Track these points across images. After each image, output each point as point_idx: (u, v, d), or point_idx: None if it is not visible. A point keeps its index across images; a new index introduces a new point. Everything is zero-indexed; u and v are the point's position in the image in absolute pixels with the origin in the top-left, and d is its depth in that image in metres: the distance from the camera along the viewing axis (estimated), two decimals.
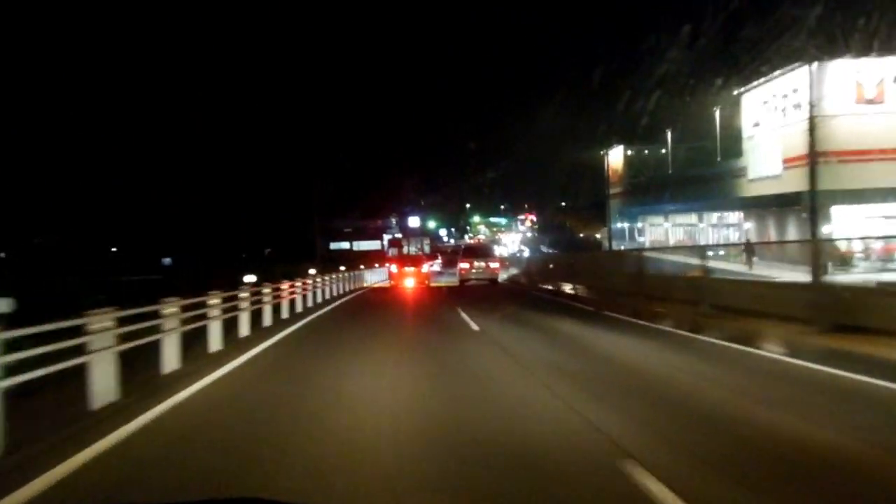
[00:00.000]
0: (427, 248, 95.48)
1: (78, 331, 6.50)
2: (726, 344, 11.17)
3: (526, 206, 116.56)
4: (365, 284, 37.81)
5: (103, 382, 6.79)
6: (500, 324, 15.70)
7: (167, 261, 76.15)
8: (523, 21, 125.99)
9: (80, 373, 6.72)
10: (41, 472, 4.72)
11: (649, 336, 12.80)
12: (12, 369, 5.45)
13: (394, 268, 40.05)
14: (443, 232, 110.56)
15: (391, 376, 8.98)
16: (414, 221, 77.95)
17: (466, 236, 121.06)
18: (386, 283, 39.91)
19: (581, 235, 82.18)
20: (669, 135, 40.85)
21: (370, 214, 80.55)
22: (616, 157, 46.26)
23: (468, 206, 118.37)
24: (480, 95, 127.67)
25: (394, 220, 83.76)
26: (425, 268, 39.83)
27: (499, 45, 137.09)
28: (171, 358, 9.05)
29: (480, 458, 5.09)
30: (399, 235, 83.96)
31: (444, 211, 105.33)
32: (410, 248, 77.31)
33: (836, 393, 7.55)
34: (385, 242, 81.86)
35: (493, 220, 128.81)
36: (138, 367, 8.25)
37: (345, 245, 78.79)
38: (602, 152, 49.57)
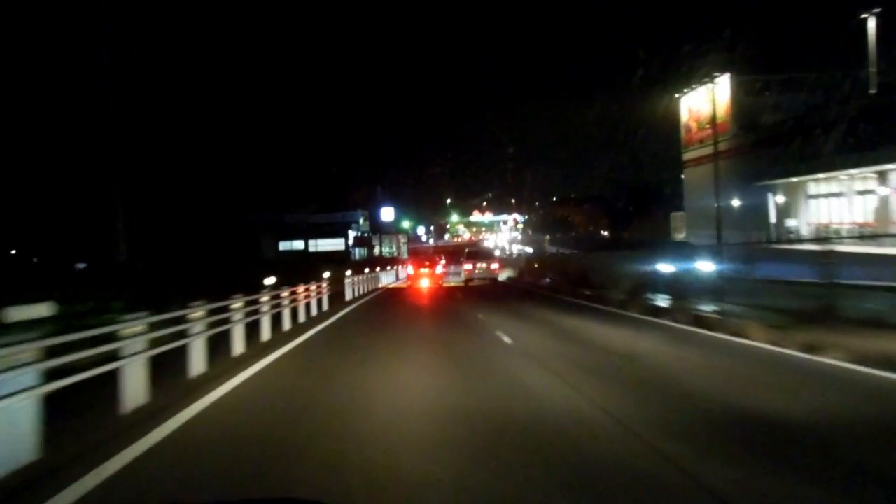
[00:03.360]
0: (404, 248, 79.32)
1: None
2: None
3: (513, 200, 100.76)
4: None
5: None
6: None
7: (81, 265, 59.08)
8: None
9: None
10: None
11: None
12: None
13: (410, 269, 41.43)
14: (420, 231, 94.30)
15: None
16: (388, 214, 61.19)
17: (446, 236, 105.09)
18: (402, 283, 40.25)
19: (604, 233, 66.40)
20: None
21: (331, 207, 63.67)
22: (698, 102, 30.41)
23: (448, 201, 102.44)
24: (470, 78, 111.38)
25: (360, 216, 66.82)
26: (439, 269, 39.42)
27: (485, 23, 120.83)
28: None
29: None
30: (364, 233, 68.54)
31: (421, 207, 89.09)
32: (383, 249, 60.03)
33: None
34: (350, 241, 65.16)
35: (473, 219, 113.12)
36: None
37: (298, 244, 61.84)
38: (678, 95, 33.81)
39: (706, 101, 30.47)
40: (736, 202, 27.31)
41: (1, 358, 4.61)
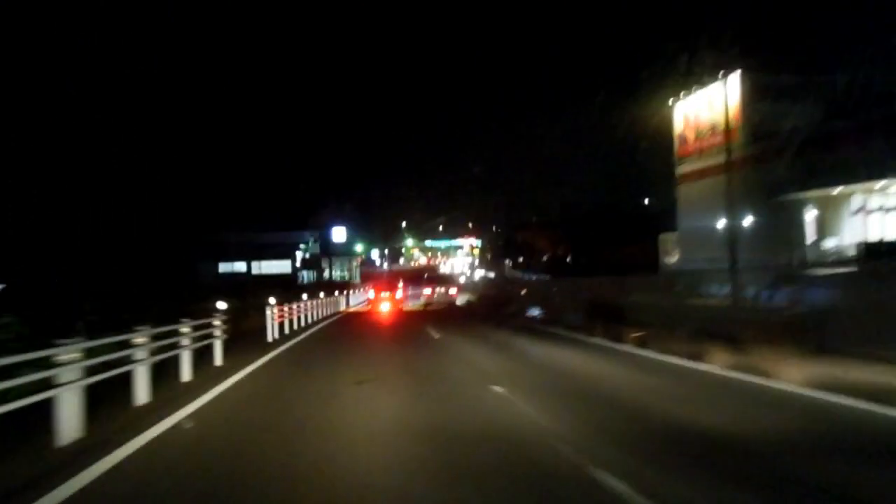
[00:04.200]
0: (356, 271, 74.31)
1: None
2: None
3: (470, 224, 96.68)
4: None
5: None
6: None
7: None
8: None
9: None
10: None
11: None
12: None
13: (371, 293, 40.00)
14: (374, 254, 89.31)
15: None
16: (339, 235, 56.22)
17: (401, 260, 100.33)
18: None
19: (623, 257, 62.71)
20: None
21: (277, 226, 58.28)
22: (697, 108, 26.40)
23: (404, 224, 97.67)
24: (431, 96, 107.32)
25: (309, 237, 61.54)
26: (399, 294, 38.04)
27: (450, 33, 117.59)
28: None
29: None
30: (310, 255, 63.16)
31: (375, 230, 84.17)
32: (334, 272, 55.33)
33: None
34: (298, 263, 59.83)
35: (429, 243, 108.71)
36: None
37: (240, 266, 56.19)
38: (672, 100, 29.95)
39: (706, 106, 26.77)
40: (749, 219, 23.46)
41: None
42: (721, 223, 25.17)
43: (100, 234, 43.99)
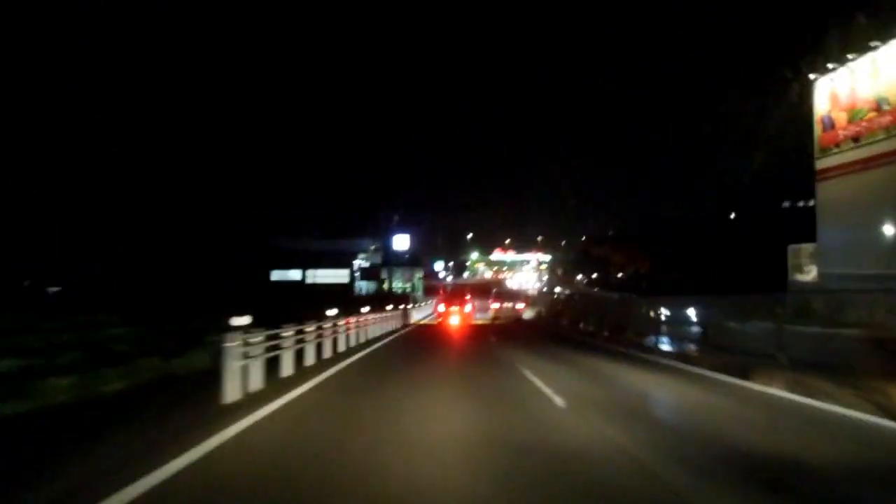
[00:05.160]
0: (419, 285, 69.88)
1: None
2: None
3: (539, 238, 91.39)
4: None
5: None
6: None
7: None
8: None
9: None
10: None
11: None
12: None
13: (441, 307, 39.64)
14: (438, 266, 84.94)
15: None
16: (402, 243, 51.97)
17: (465, 273, 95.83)
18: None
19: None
20: None
21: (334, 233, 54.42)
22: (853, 81, 20.32)
23: (470, 236, 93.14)
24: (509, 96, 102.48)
25: (370, 245, 57.47)
26: (468, 307, 37.56)
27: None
28: None
29: None
30: (369, 264, 58.51)
31: (438, 241, 79.81)
32: (394, 284, 51.35)
33: None
34: (356, 272, 55.79)
35: (495, 257, 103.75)
36: None
37: (295, 274, 52.52)
38: (815, 76, 24.21)
39: (868, 77, 21.14)
40: None
41: None
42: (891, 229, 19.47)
43: (146, 235, 40.91)
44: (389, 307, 32.76)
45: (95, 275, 41.34)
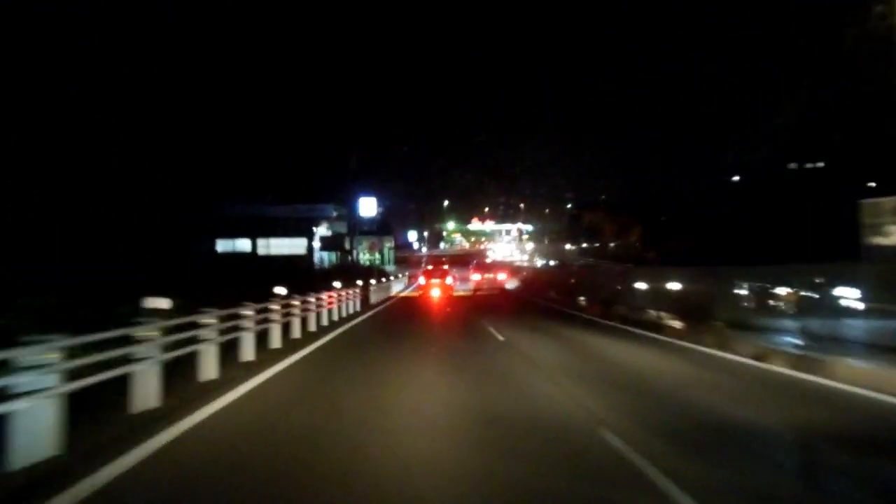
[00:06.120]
0: (390, 254, 63.43)
1: None
2: None
3: (521, 206, 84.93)
4: None
5: None
6: None
7: None
8: None
9: None
10: None
11: None
12: None
13: (422, 280, 39.05)
14: (412, 236, 78.12)
15: None
16: (368, 207, 45.01)
17: (441, 244, 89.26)
18: None
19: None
20: None
21: (292, 197, 47.19)
22: None
23: (446, 203, 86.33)
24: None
25: (332, 210, 50.38)
26: (449, 280, 37.33)
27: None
28: None
29: None
30: (332, 232, 51.60)
31: (410, 208, 72.94)
32: (358, 254, 44.03)
33: None
34: (316, 242, 48.75)
35: (473, 227, 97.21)
36: None
37: (243, 245, 45.41)
38: None
39: None
40: None
41: None
42: None
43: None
44: (345, 285, 26.25)
45: None
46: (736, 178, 56.84)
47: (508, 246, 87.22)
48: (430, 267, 44.48)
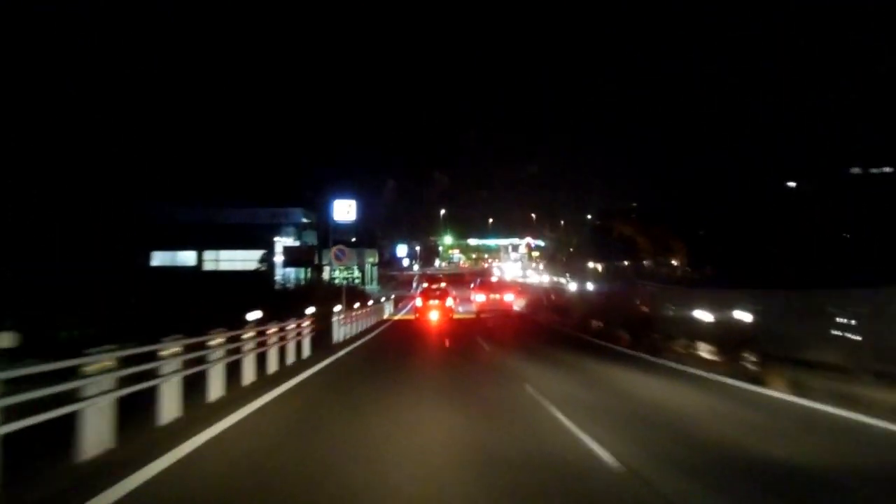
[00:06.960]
0: (373, 272, 54.22)
1: None
2: None
3: (533, 216, 75.41)
4: None
5: None
6: None
7: None
8: None
9: None
10: None
11: None
12: None
13: (419, 301, 35.57)
14: (402, 251, 68.51)
15: None
16: (344, 211, 35.54)
17: (438, 261, 79.80)
18: None
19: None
20: None
21: (252, 200, 37.76)
22: None
23: (443, 212, 76.87)
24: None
25: (301, 216, 40.95)
26: (449, 301, 34.68)
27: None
28: None
29: None
30: (299, 242, 41.51)
31: (401, 218, 63.65)
32: (334, 272, 32.68)
33: None
34: (277, 255, 39.12)
35: (473, 241, 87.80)
36: None
37: (187, 257, 36.08)
38: None
39: None
40: None
41: None
42: None
43: None
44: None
45: None
46: (792, 183, 48.21)
47: (516, 264, 78.07)
48: (426, 285, 41.99)
